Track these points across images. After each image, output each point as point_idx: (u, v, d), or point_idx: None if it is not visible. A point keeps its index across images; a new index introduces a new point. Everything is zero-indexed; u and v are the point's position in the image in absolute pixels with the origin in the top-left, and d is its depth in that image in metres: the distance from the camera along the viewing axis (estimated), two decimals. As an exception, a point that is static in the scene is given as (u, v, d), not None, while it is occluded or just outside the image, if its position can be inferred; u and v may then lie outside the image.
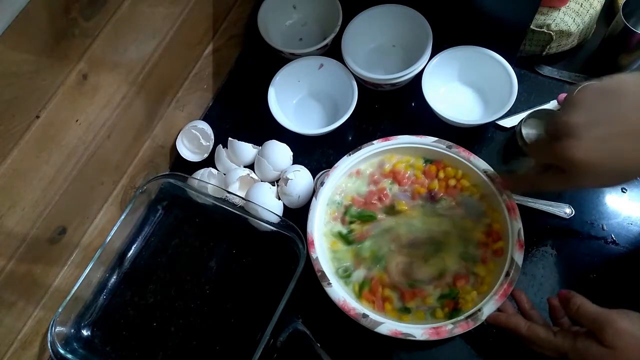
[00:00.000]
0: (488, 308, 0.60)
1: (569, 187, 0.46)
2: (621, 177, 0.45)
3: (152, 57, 0.69)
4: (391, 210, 0.70)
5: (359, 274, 0.67)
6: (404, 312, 0.64)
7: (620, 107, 0.42)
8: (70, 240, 0.68)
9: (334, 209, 0.71)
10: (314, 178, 0.76)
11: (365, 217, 0.70)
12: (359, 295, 0.65)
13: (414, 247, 0.67)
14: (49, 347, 0.66)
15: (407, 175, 0.71)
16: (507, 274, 0.62)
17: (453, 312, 0.63)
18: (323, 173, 0.76)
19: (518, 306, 0.61)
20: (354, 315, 0.62)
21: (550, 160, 0.48)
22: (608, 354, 0.48)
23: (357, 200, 0.71)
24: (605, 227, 0.70)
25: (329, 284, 0.64)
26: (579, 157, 0.42)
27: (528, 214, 0.69)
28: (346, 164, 0.71)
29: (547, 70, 0.81)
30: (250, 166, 0.79)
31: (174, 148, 0.81)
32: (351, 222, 0.70)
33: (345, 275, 0.67)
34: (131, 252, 0.75)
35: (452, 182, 0.70)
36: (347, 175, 0.72)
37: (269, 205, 0.71)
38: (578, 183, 0.44)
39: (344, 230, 0.70)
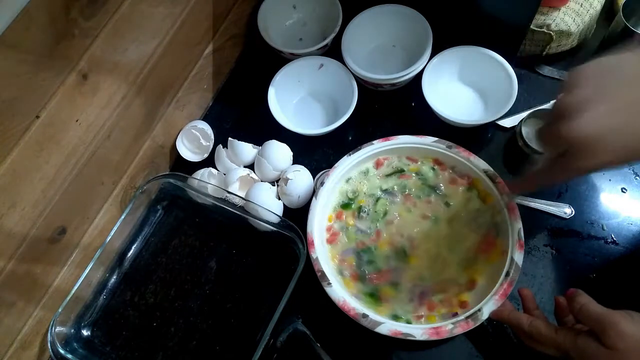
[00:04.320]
0: (488, 308, 0.60)
1: (579, 172, 0.44)
2: (630, 153, 0.43)
3: (152, 57, 0.69)
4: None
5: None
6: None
7: (622, 81, 0.41)
8: (70, 240, 0.68)
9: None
10: (314, 178, 0.76)
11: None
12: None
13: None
14: (49, 347, 0.66)
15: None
16: (507, 274, 0.62)
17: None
18: (323, 173, 0.76)
19: (523, 305, 0.61)
20: (354, 315, 0.62)
21: (557, 143, 0.46)
22: (610, 355, 0.47)
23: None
24: (605, 227, 0.70)
25: (329, 284, 0.64)
26: (584, 132, 0.41)
27: (528, 214, 0.69)
28: (346, 163, 0.71)
29: (547, 70, 0.81)
30: (250, 166, 0.79)
31: (174, 148, 0.81)
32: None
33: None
34: (131, 252, 0.75)
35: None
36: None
37: (269, 205, 0.71)
38: (587, 163, 0.43)
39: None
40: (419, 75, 0.76)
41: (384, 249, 0.69)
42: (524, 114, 0.74)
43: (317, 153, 0.80)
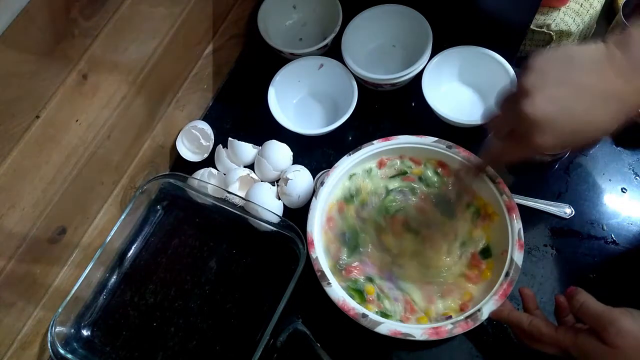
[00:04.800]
0: (487, 308, 0.60)
1: (528, 151, 0.48)
2: (576, 137, 0.46)
3: (152, 57, 0.69)
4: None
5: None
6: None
7: (571, 70, 0.45)
8: (70, 240, 0.68)
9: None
10: (314, 178, 0.76)
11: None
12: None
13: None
14: (49, 347, 0.66)
15: None
16: (507, 274, 0.62)
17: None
18: (323, 173, 0.76)
19: (523, 305, 0.61)
20: (354, 315, 0.62)
21: (507, 122, 0.49)
22: (609, 352, 0.47)
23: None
24: (605, 227, 0.70)
25: (329, 283, 0.64)
26: (532, 111, 0.44)
27: (528, 214, 0.69)
28: (346, 163, 0.71)
29: (547, 70, 0.81)
30: (250, 166, 0.79)
31: (174, 148, 0.81)
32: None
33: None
34: (131, 252, 0.75)
35: None
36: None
37: (269, 205, 0.71)
38: (536, 142, 0.45)
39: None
40: (419, 75, 0.76)
41: (368, 229, 0.69)
42: (524, 114, 0.74)
43: (317, 153, 0.80)
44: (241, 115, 0.85)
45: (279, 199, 0.75)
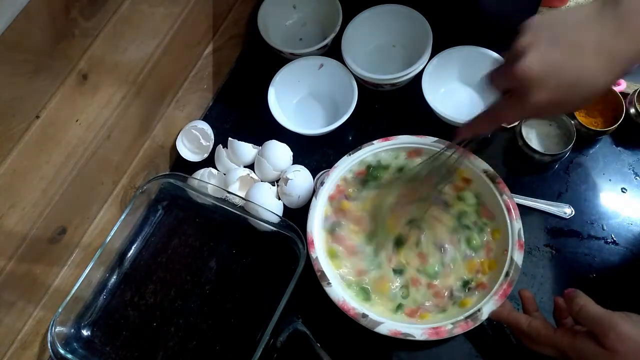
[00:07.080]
0: (487, 308, 0.60)
1: (525, 110, 0.49)
2: (570, 94, 0.47)
3: (152, 57, 0.69)
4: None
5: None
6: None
7: (563, 28, 0.46)
8: (70, 240, 0.68)
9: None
10: (314, 178, 0.76)
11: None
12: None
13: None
14: (49, 347, 0.66)
15: None
16: (507, 274, 0.62)
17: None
18: (323, 173, 0.76)
19: (523, 307, 0.61)
20: (354, 315, 0.62)
21: (505, 80, 0.50)
22: (608, 356, 0.47)
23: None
24: (605, 227, 0.70)
25: (329, 283, 0.64)
26: (525, 69, 0.46)
27: (528, 214, 0.69)
28: (346, 163, 0.71)
29: (547, 70, 0.81)
30: (250, 166, 0.79)
31: (174, 148, 0.81)
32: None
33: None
34: (131, 252, 0.75)
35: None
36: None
37: (269, 205, 0.71)
38: (531, 99, 0.47)
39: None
40: (419, 75, 0.76)
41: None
42: (524, 114, 0.74)
43: (317, 153, 0.80)
44: (241, 115, 0.85)
45: (279, 199, 0.75)
